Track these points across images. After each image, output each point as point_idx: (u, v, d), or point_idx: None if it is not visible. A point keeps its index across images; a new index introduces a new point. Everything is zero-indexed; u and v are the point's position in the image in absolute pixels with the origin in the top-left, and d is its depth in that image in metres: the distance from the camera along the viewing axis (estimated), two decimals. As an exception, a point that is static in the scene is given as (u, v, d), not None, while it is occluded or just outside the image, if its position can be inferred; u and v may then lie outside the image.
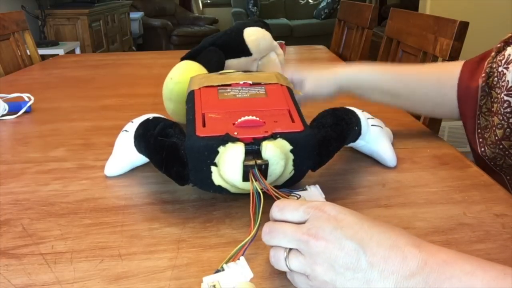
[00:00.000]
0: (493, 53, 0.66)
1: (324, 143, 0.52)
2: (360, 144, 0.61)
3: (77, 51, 3.01)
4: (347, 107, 0.59)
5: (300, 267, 0.35)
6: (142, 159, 0.58)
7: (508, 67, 0.61)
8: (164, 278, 0.40)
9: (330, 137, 0.53)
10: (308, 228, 0.35)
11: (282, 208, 0.37)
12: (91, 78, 1.24)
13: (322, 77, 0.73)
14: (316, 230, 0.34)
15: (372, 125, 0.61)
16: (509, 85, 0.60)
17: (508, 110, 0.61)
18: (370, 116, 0.63)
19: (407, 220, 0.49)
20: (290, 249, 0.36)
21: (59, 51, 2.71)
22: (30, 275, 0.40)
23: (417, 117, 1.04)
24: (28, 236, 0.46)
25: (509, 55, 0.62)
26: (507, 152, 0.63)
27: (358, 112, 0.59)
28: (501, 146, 0.63)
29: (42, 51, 2.51)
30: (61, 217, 0.50)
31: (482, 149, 0.66)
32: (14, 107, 0.88)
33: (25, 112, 0.89)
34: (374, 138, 0.61)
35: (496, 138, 0.63)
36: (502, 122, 0.61)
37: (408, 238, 0.34)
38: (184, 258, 0.43)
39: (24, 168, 0.63)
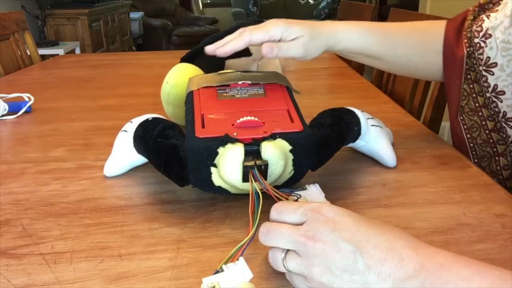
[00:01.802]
0: (470, 17, 0.66)
1: (324, 143, 0.52)
2: (360, 144, 0.61)
3: (77, 51, 3.01)
4: (347, 107, 0.59)
5: (297, 268, 0.35)
6: (141, 159, 0.58)
7: (485, 42, 0.62)
8: (164, 278, 0.40)
9: (329, 137, 0.53)
10: (306, 230, 0.35)
11: (281, 211, 0.38)
12: (91, 78, 1.24)
13: (312, 42, 0.63)
14: (314, 232, 0.34)
15: (372, 125, 0.61)
16: (490, 61, 0.62)
17: (486, 85, 0.62)
18: (369, 116, 0.63)
19: (407, 220, 0.49)
20: (288, 250, 0.36)
21: (59, 51, 2.71)
22: (30, 275, 0.40)
23: (417, 117, 1.04)
24: (28, 236, 0.46)
25: (487, 28, 0.62)
26: (483, 123, 0.64)
27: (358, 112, 0.59)
28: (480, 113, 0.63)
29: (42, 51, 2.51)
30: (61, 217, 0.50)
31: (461, 117, 0.67)
32: (14, 107, 0.88)
33: (25, 112, 0.89)
34: (374, 138, 0.61)
35: (477, 105, 0.64)
36: (483, 90, 0.63)
37: (406, 240, 0.34)
38: (184, 258, 0.43)
39: (24, 168, 0.63)
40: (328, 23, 0.67)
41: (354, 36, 0.66)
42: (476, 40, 0.63)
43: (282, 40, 0.60)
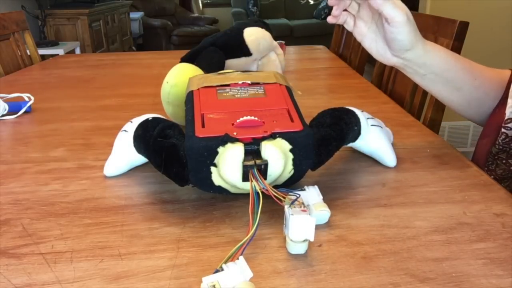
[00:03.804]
0: None
1: (324, 143, 0.52)
2: (360, 144, 0.61)
3: (77, 51, 3.01)
4: (347, 107, 0.59)
5: None
6: (141, 159, 0.58)
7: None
8: (164, 278, 0.40)
9: (329, 136, 0.53)
10: None
11: None
12: (91, 78, 1.24)
13: (411, 26, 0.57)
14: None
15: (372, 125, 0.61)
16: (506, 117, 0.62)
17: (506, 140, 0.63)
18: (369, 116, 0.63)
19: (407, 220, 0.49)
20: None
21: (59, 51, 2.71)
22: (30, 274, 0.41)
23: (417, 117, 1.04)
24: (28, 236, 0.46)
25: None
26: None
27: (358, 112, 0.59)
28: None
29: (42, 51, 2.51)
30: (61, 217, 0.50)
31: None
32: (14, 107, 0.88)
33: (25, 112, 0.89)
34: (374, 138, 0.61)
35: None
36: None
37: None
38: (184, 257, 0.43)
39: (24, 168, 0.63)
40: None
41: (441, 52, 0.62)
42: None
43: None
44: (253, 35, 1.01)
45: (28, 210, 0.52)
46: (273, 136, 0.47)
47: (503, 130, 0.62)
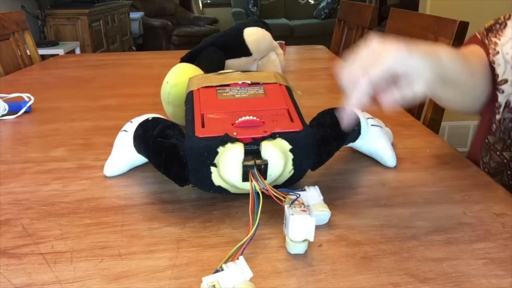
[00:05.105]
0: (485, 41, 0.64)
1: (323, 143, 0.52)
2: (360, 144, 0.61)
3: (77, 51, 3.01)
4: (347, 107, 0.59)
5: None
6: (141, 159, 0.58)
7: (494, 60, 0.61)
8: (164, 278, 0.40)
9: (329, 136, 0.53)
10: None
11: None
12: (91, 78, 1.24)
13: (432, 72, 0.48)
14: None
15: (372, 125, 0.61)
16: (499, 79, 0.60)
17: (496, 105, 0.61)
18: (369, 116, 0.63)
19: (407, 220, 0.49)
20: None
21: (59, 51, 2.71)
22: (30, 274, 0.41)
23: (417, 117, 1.04)
24: (28, 236, 0.46)
25: (496, 46, 0.61)
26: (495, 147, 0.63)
27: (358, 112, 0.59)
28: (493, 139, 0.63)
29: (42, 51, 2.51)
30: (61, 217, 0.50)
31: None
32: (14, 107, 0.88)
33: (25, 112, 0.89)
34: (374, 138, 0.61)
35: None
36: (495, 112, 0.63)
37: None
38: (184, 257, 0.43)
39: (24, 168, 0.63)
40: (432, 47, 0.52)
41: (455, 59, 0.54)
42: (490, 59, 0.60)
43: (402, 73, 0.46)
44: (253, 35, 1.01)
45: (28, 210, 0.52)
46: (273, 136, 0.47)
47: (498, 98, 0.60)
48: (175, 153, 0.49)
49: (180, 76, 0.71)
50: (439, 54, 0.51)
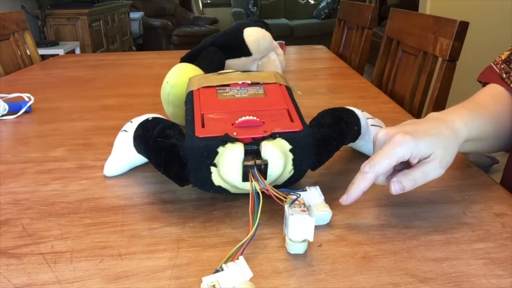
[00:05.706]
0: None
1: (324, 143, 0.52)
2: (360, 144, 0.61)
3: (77, 51, 3.01)
4: (347, 107, 0.59)
5: None
6: (141, 159, 0.58)
7: None
8: (164, 278, 0.40)
9: (329, 136, 0.53)
10: None
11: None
12: (91, 78, 1.24)
13: (446, 153, 0.48)
14: None
15: (372, 125, 0.61)
16: None
17: None
18: (369, 116, 0.63)
19: (407, 220, 0.49)
20: None
21: (59, 51, 2.71)
22: (30, 274, 0.41)
23: (417, 117, 1.04)
24: (28, 236, 0.46)
25: None
26: None
27: (358, 112, 0.59)
28: None
29: (42, 51, 2.51)
30: (61, 217, 0.50)
31: None
32: (14, 107, 0.88)
33: (25, 112, 0.89)
34: (374, 137, 0.61)
35: None
36: None
37: None
38: (184, 257, 0.43)
39: (24, 168, 0.63)
40: (445, 117, 0.53)
41: (475, 124, 0.55)
42: None
43: (411, 160, 0.47)
44: (253, 35, 1.01)
45: (28, 210, 0.52)
46: (273, 136, 0.47)
47: None
48: (175, 153, 0.49)
49: (180, 76, 0.71)
50: (451, 123, 0.51)
